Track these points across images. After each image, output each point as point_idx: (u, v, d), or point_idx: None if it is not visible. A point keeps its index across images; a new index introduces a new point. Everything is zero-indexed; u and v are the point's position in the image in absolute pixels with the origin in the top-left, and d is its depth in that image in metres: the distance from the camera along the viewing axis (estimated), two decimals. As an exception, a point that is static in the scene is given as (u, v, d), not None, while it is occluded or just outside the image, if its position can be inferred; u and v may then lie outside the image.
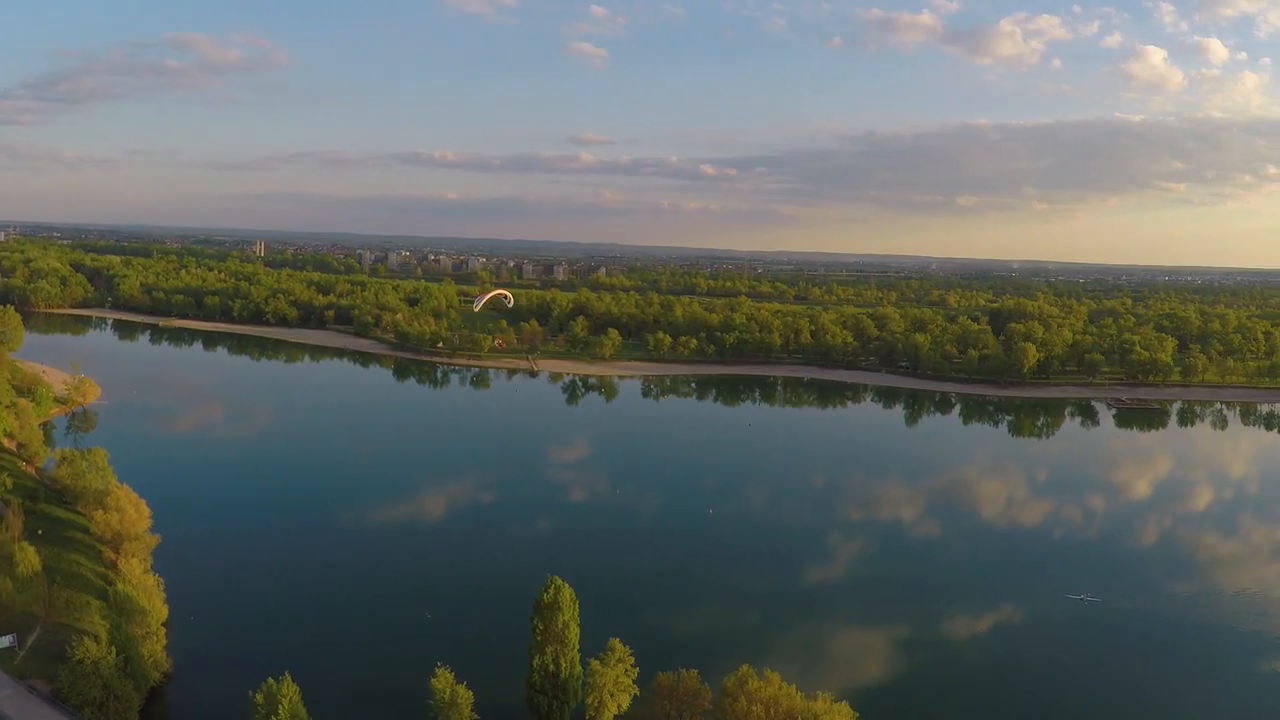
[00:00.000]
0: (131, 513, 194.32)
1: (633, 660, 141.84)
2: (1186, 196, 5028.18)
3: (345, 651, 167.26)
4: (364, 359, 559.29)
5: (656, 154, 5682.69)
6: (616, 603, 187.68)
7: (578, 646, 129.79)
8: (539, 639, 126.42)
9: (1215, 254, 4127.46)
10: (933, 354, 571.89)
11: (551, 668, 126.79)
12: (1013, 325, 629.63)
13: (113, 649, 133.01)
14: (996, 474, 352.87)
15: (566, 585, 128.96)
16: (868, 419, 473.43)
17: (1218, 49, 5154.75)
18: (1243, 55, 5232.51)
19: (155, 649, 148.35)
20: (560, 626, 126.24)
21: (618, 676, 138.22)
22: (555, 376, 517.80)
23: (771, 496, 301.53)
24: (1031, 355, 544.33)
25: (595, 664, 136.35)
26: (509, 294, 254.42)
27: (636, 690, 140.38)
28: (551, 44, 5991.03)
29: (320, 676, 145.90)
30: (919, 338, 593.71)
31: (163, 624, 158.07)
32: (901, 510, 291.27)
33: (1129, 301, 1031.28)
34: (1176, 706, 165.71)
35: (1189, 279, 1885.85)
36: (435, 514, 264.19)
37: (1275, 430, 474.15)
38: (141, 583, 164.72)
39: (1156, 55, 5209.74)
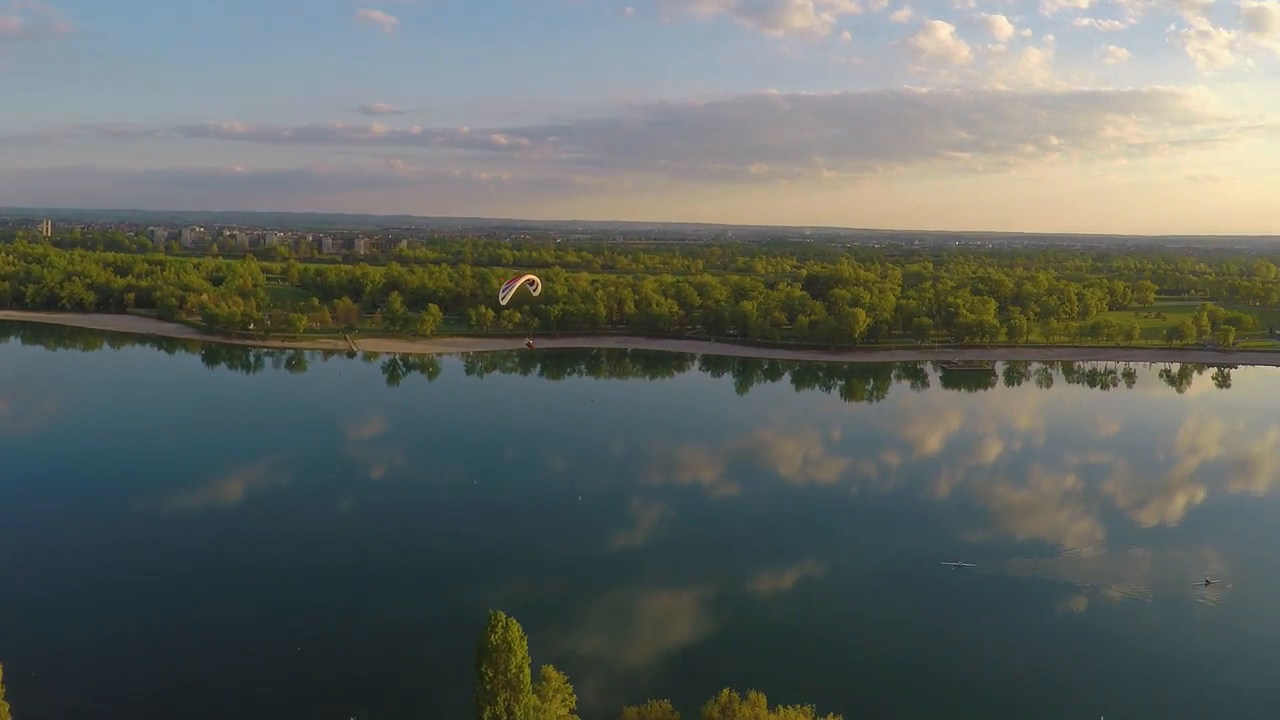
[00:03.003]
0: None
1: (570, 689, 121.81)
2: (971, 165, 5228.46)
3: (227, 701, 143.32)
4: (170, 344, 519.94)
5: (448, 124, 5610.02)
6: (516, 615, 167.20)
7: (530, 689, 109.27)
8: (488, 687, 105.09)
9: (999, 220, 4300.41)
10: (761, 321, 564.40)
11: (505, 719, 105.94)
12: (837, 291, 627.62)
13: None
14: (845, 439, 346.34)
15: (514, 620, 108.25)
16: (701, 388, 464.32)
17: (1004, 25, 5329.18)
18: (1028, 32, 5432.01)
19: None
20: (515, 670, 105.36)
21: (556, 709, 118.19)
22: (370, 356, 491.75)
23: (640, 476, 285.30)
24: (862, 320, 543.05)
25: (534, 699, 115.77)
26: (536, 279, 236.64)
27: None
28: (342, 11, 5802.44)
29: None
30: (746, 305, 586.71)
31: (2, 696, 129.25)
32: (762, 482, 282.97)
33: (930, 266, 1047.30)
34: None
35: (979, 243, 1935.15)
36: (288, 520, 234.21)
37: (1098, 387, 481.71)
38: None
39: (944, 30, 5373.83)
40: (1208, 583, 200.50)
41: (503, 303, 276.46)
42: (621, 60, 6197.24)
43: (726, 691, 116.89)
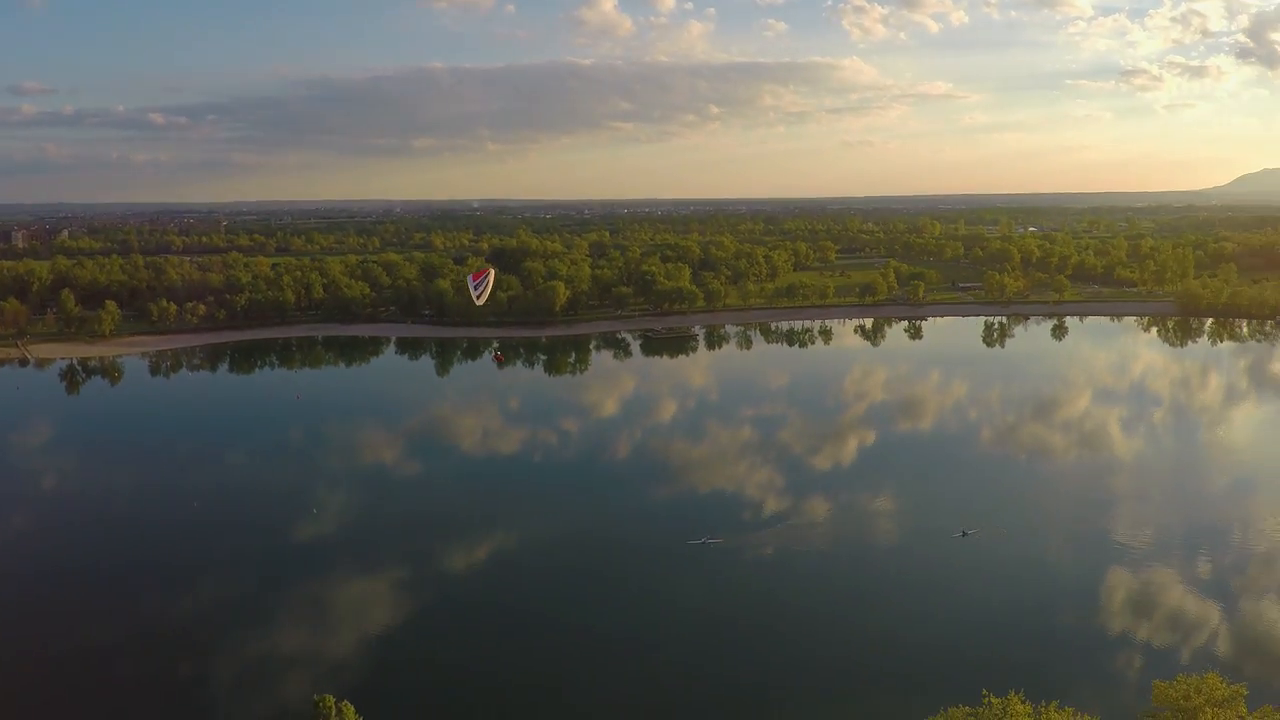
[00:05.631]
0: None
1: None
2: (635, 135, 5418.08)
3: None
4: None
5: (103, 103, 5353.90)
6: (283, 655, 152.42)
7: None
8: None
9: (665, 187, 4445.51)
10: (458, 299, 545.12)
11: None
12: (530, 264, 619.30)
13: None
14: (562, 418, 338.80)
15: (347, 703, 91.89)
16: (402, 372, 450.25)
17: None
18: (689, 5, 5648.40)
19: None
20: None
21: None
22: (45, 362, 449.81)
23: (375, 473, 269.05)
24: (561, 293, 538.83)
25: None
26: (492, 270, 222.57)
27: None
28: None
29: None
30: (441, 284, 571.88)
31: None
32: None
33: (608, 235, 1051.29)
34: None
35: (647, 210, 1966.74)
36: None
37: (797, 345, 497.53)
38: None
39: (607, 3, 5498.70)
40: (964, 534, 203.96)
41: (479, 303, 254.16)
42: (282, 33, 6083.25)
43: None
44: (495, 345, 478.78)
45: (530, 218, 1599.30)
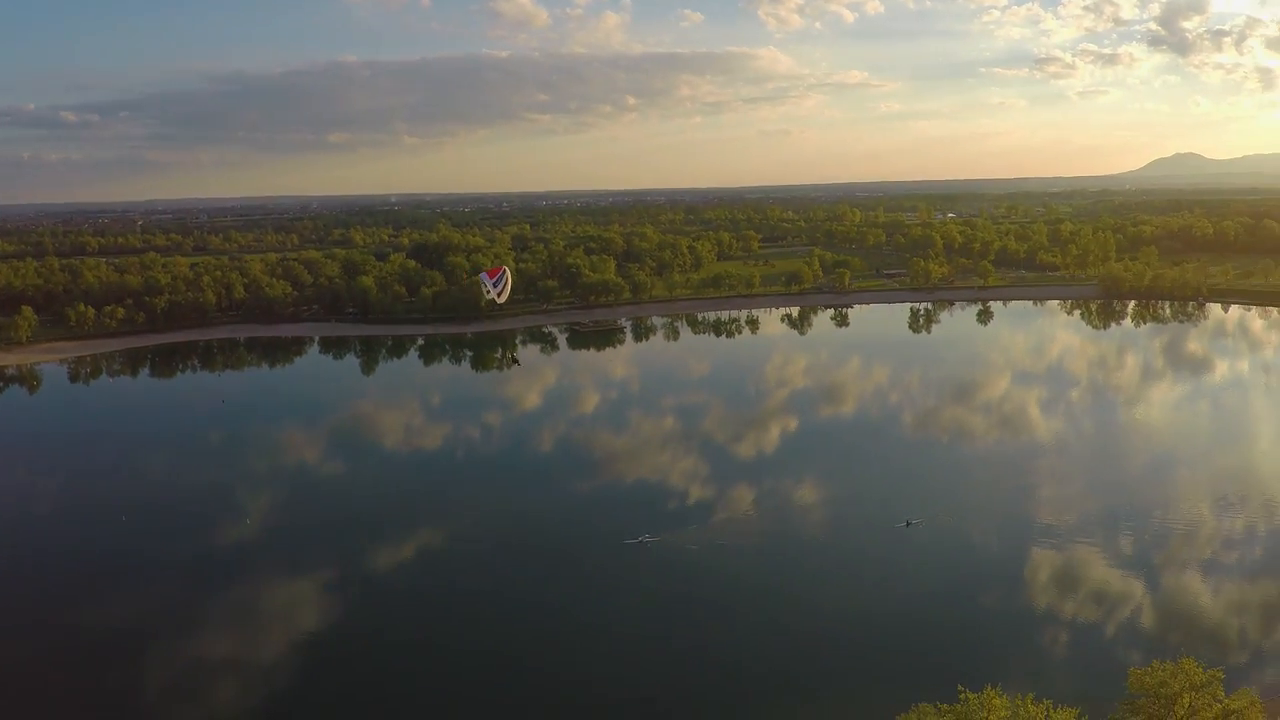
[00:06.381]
0: None
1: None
2: (551, 126, 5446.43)
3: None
4: None
5: (12, 101, 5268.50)
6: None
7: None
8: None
9: (583, 178, 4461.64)
10: (382, 297, 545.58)
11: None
12: (454, 259, 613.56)
13: None
14: (490, 415, 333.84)
15: None
16: (329, 373, 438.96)
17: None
18: None
19: None
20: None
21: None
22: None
23: (300, 478, 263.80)
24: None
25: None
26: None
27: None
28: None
29: None
30: (364, 280, 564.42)
31: None
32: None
33: (528, 227, 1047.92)
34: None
35: (565, 202, 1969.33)
36: None
37: (724, 335, 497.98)
38: None
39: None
40: (908, 524, 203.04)
41: (499, 301, 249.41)
42: (194, 28, 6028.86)
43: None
44: (512, 354, 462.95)
45: (449, 211, 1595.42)
